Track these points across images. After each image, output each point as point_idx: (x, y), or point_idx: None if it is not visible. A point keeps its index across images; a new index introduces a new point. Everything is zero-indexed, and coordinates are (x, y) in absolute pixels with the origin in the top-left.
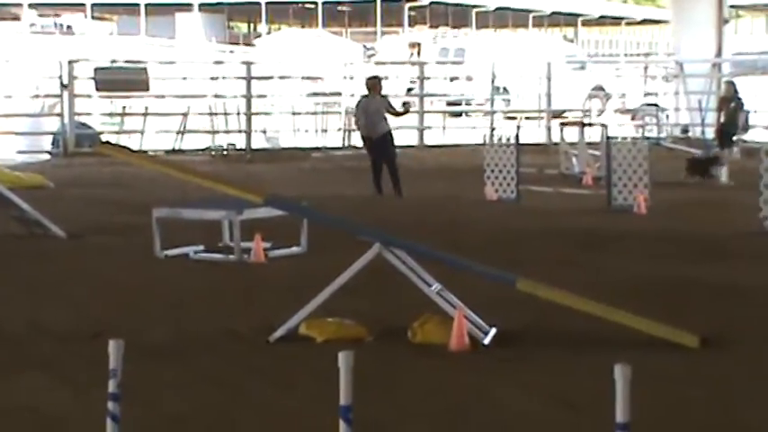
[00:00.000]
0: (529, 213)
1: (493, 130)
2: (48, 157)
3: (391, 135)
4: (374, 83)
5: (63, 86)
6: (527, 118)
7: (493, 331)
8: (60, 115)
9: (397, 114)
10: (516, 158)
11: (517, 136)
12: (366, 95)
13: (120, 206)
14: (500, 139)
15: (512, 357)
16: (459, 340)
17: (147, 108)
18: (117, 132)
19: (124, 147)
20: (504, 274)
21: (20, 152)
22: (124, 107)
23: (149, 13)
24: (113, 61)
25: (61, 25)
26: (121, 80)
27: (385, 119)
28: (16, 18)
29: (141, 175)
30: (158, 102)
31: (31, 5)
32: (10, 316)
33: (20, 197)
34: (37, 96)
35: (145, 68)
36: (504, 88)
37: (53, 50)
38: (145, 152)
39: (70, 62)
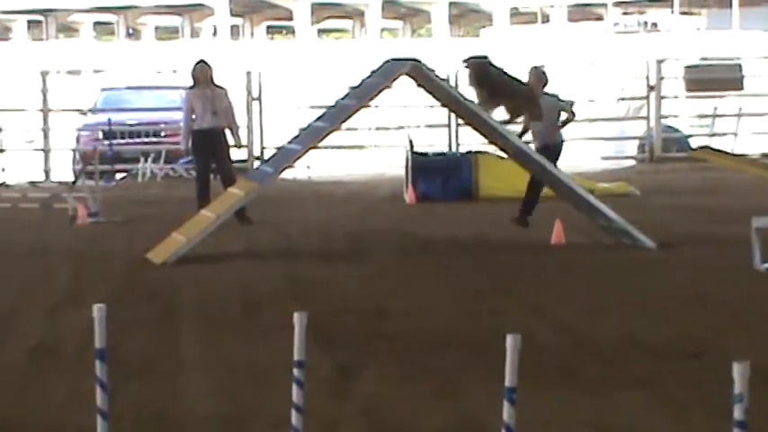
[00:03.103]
0: None
1: None
2: (633, 162)
3: None
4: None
5: (650, 88)
6: None
7: None
8: (646, 118)
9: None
10: None
11: None
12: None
13: (713, 215)
14: None
15: None
16: None
17: (740, 108)
18: (708, 135)
19: (724, 151)
20: None
21: (604, 158)
22: (715, 108)
23: (743, 4)
24: (703, 59)
25: (645, 23)
26: (713, 79)
27: None
28: (599, 18)
29: (737, 181)
30: (753, 101)
31: (615, 4)
32: (603, 330)
33: (607, 206)
34: (622, 99)
35: (738, 65)
36: None
37: (638, 50)
38: (743, 156)
39: (658, 61)
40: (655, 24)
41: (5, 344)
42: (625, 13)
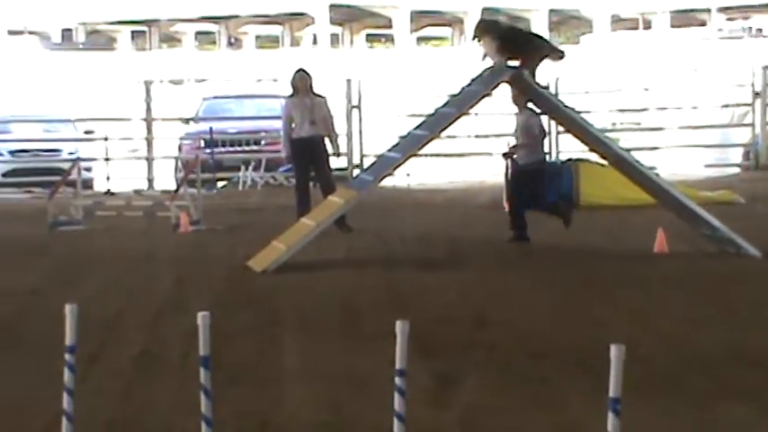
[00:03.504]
0: None
1: None
2: (737, 170)
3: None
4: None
5: (755, 94)
6: None
7: None
8: (752, 125)
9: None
10: None
11: None
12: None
13: None
14: None
15: None
16: None
17: None
18: None
19: None
20: None
21: (707, 165)
22: None
23: None
24: None
25: (750, 28)
26: None
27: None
28: (703, 24)
29: None
30: None
31: (719, 9)
32: (708, 340)
33: (711, 214)
34: (726, 106)
35: None
36: None
37: (743, 55)
38: None
39: (763, 68)
40: (760, 30)
41: (111, 349)
42: (729, 19)
